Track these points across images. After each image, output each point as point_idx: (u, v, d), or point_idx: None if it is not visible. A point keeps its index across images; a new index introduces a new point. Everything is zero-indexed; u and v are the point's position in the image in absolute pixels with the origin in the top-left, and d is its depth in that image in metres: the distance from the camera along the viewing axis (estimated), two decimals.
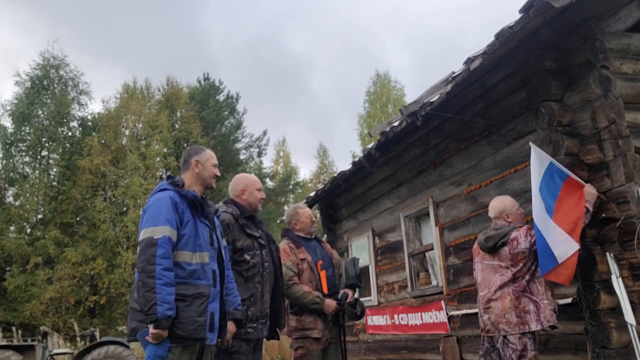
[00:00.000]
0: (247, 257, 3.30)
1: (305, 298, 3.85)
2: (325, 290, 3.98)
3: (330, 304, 3.92)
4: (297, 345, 3.92)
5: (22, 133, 26.54)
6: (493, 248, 3.77)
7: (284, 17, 70.50)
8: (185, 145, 28.69)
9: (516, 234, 3.74)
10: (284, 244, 4.06)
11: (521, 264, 3.68)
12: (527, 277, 3.66)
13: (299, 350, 3.91)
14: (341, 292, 4.05)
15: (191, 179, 2.98)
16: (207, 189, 3.06)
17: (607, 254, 3.68)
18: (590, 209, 3.66)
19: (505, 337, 3.65)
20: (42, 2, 50.74)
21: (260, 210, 3.64)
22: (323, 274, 4.03)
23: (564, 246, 3.49)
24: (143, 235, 2.65)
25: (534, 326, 3.59)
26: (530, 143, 3.88)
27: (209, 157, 3.04)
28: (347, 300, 4.00)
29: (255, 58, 60.35)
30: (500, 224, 3.90)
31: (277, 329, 3.62)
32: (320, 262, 4.08)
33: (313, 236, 4.25)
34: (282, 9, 68.96)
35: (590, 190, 3.69)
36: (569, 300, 4.09)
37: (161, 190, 2.81)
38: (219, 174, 3.09)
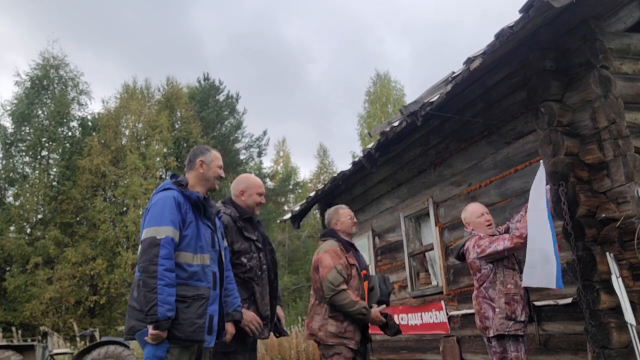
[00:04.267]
0: (244, 260, 3.27)
1: (352, 307, 3.58)
2: (365, 302, 3.73)
3: (377, 316, 3.70)
4: (334, 352, 3.62)
5: (22, 133, 26.57)
6: (458, 258, 3.91)
7: (279, 11, 70.52)
8: (185, 145, 28.73)
9: (468, 245, 3.82)
10: (332, 245, 3.78)
11: (479, 273, 3.76)
12: (486, 284, 3.72)
13: (334, 356, 3.61)
14: (376, 307, 3.79)
15: (195, 179, 2.96)
16: (210, 190, 3.03)
17: (607, 254, 3.68)
18: None
19: (488, 339, 3.71)
20: None
21: (257, 215, 3.56)
22: (365, 284, 3.82)
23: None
24: (145, 234, 2.62)
25: (491, 332, 3.62)
26: (541, 162, 3.84)
27: (214, 157, 3.02)
28: None
29: (250, 53, 60.33)
30: (466, 232, 3.96)
31: (276, 332, 3.56)
32: (364, 272, 3.87)
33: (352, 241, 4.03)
34: (276, 3, 68.93)
35: None
36: (569, 300, 4.09)
37: (165, 189, 2.79)
38: (223, 175, 3.06)
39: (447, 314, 5.70)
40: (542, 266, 3.40)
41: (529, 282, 3.53)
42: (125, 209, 26.27)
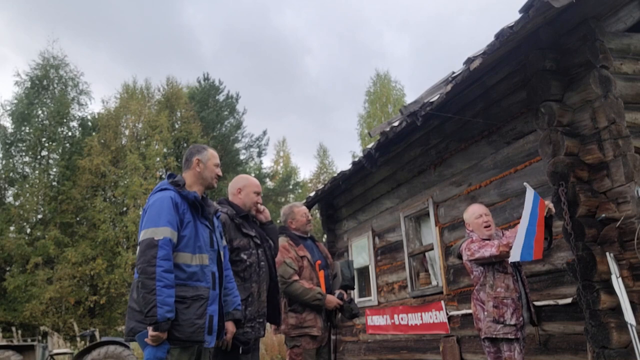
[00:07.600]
0: (244, 256, 3.29)
1: (306, 294, 3.83)
2: (324, 290, 3.99)
3: (332, 299, 3.94)
4: (294, 344, 3.89)
5: (22, 133, 26.57)
6: (459, 257, 3.97)
7: (275, 6, 70.39)
8: (185, 145, 28.72)
9: (463, 247, 3.86)
10: (282, 241, 4.01)
11: (472, 275, 3.81)
12: (477, 286, 3.75)
13: (295, 349, 3.88)
14: (337, 292, 4.07)
15: (192, 178, 2.95)
16: (208, 189, 3.02)
17: (607, 254, 3.68)
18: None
19: (482, 339, 3.74)
20: None
21: (254, 214, 3.58)
22: (321, 273, 4.04)
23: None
24: (143, 235, 2.61)
25: (482, 334, 3.66)
26: (525, 184, 3.70)
27: (210, 156, 3.01)
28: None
29: (247, 48, 60.17)
30: (466, 233, 4.00)
31: (275, 327, 3.64)
32: (319, 262, 4.09)
33: (308, 235, 4.26)
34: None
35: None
36: (569, 300, 4.09)
37: (162, 189, 2.78)
38: (220, 173, 3.06)
39: (447, 314, 5.70)
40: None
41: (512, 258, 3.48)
42: (125, 209, 26.27)
